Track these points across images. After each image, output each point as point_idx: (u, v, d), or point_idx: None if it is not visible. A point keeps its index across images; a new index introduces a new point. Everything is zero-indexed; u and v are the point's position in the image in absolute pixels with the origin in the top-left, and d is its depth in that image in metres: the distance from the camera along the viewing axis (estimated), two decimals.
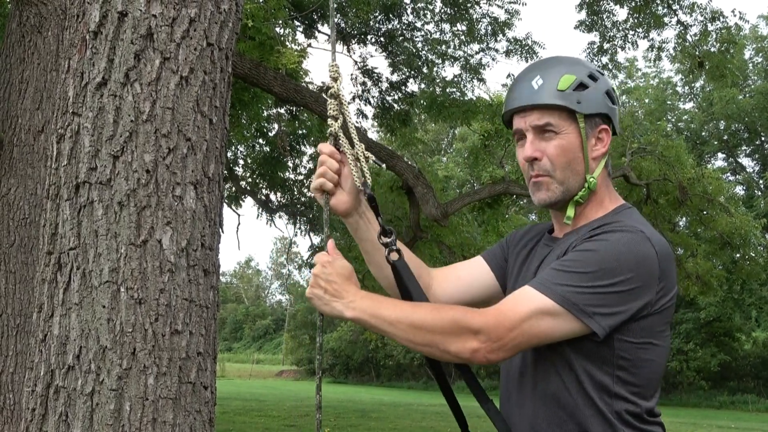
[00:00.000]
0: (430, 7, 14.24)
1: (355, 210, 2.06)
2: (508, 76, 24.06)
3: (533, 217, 26.58)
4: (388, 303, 1.82)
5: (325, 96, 2.13)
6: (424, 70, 14.25)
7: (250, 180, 17.12)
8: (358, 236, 2.12)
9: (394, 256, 2.05)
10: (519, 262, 2.08)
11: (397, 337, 1.78)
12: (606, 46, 14.41)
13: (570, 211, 1.93)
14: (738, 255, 18.95)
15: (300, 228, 17.61)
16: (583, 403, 1.78)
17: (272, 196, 17.19)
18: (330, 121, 2.08)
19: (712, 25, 13.02)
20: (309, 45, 12.76)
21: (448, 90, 14.04)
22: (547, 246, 2.00)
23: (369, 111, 15.40)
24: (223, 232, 2.20)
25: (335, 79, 2.09)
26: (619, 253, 1.73)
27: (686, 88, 41.28)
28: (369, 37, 14.15)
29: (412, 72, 14.21)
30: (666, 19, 13.38)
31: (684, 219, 20.45)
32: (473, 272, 2.18)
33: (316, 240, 17.67)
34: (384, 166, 10.57)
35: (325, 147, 2.05)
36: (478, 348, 1.70)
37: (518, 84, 1.94)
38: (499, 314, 1.72)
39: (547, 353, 1.82)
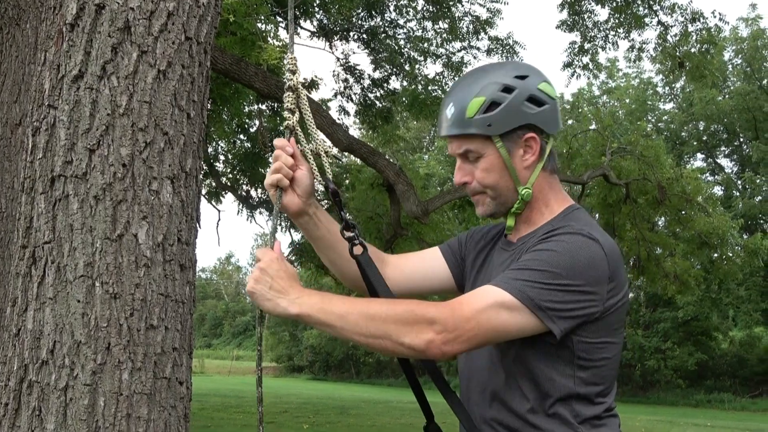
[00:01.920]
0: (413, 5, 14.24)
1: (305, 210, 2.03)
2: None
3: None
4: (337, 298, 1.78)
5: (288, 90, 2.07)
6: (406, 67, 14.25)
7: (230, 176, 17.07)
8: (309, 235, 2.09)
9: (358, 250, 2.04)
10: (477, 266, 2.08)
11: (346, 330, 1.72)
12: (587, 46, 14.47)
13: (510, 222, 1.97)
14: (716, 255, 19.08)
15: (281, 224, 17.55)
16: (542, 406, 1.79)
17: (253, 192, 17.14)
18: (287, 114, 2.04)
19: (692, 26, 13.12)
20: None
21: (429, 88, 14.05)
22: (504, 251, 2.00)
23: (351, 108, 15.36)
24: (200, 227, 2.19)
25: (293, 72, 2.06)
26: (572, 256, 1.74)
27: (666, 88, 41.57)
28: (351, 33, 14.13)
29: (394, 69, 14.21)
30: (647, 20, 13.46)
31: (663, 219, 20.59)
32: (428, 263, 2.16)
33: (297, 236, 17.64)
34: (344, 160, 10.54)
35: (279, 141, 2.00)
36: (433, 339, 1.66)
37: (440, 111, 1.97)
38: (456, 305, 1.70)
39: (506, 355, 1.82)
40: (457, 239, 2.19)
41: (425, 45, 14.57)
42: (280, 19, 12.60)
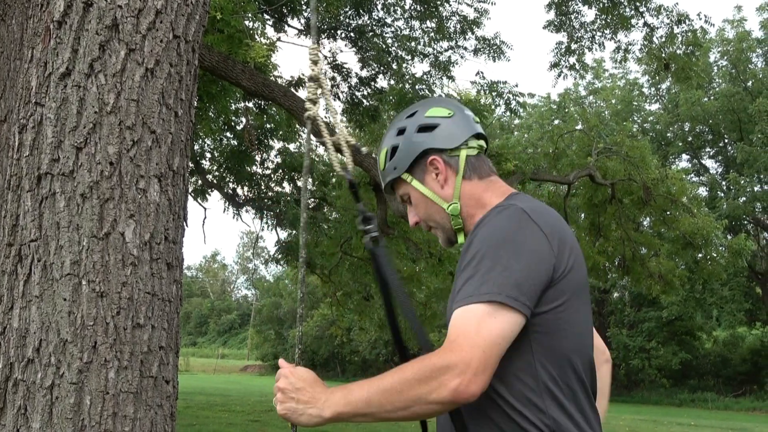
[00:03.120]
0: (400, 4, 14.24)
1: None
2: (477, 73, 24.19)
3: None
4: (354, 385, 1.77)
5: (307, 83, 2.07)
6: (394, 66, 14.25)
7: (216, 174, 17.00)
8: None
9: (371, 243, 2.08)
10: None
11: (379, 413, 1.71)
12: (574, 46, 14.51)
13: (460, 239, 2.03)
14: (700, 255, 19.16)
15: (267, 222, 17.51)
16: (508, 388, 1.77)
17: (239, 190, 17.08)
18: (308, 104, 2.06)
19: (678, 27, 13.17)
20: (278, 39, 12.68)
21: (417, 86, 14.05)
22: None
23: (338, 106, 15.36)
24: (187, 225, 2.18)
25: (315, 62, 2.07)
26: (497, 232, 1.76)
27: (652, 89, 41.70)
28: (339, 32, 14.11)
29: (382, 68, 14.20)
30: (633, 21, 13.50)
31: (648, 219, 20.67)
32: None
33: (283, 235, 17.61)
34: (365, 150, 10.53)
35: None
36: (458, 384, 1.62)
37: None
38: (453, 345, 1.67)
39: None
40: None
41: (413, 44, 14.56)
42: (267, 17, 12.58)
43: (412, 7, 14.21)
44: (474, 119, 2.07)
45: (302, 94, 12.33)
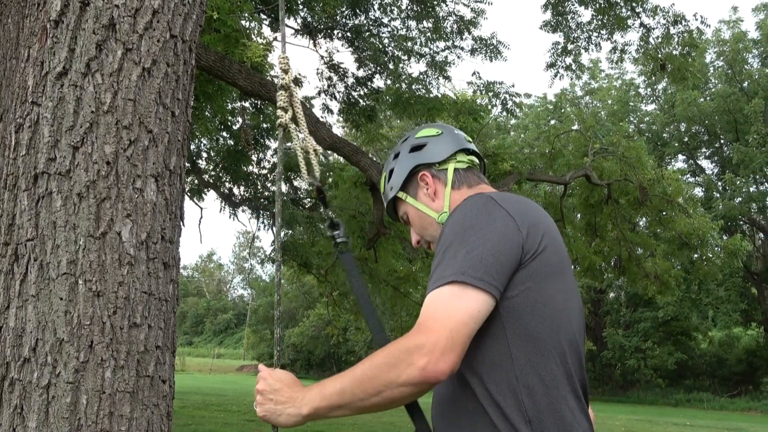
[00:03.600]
0: (397, 3, 14.23)
1: None
2: (474, 74, 24.27)
3: None
4: (328, 380, 1.79)
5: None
6: (390, 66, 14.24)
7: (213, 173, 16.99)
8: None
9: (342, 247, 2.14)
10: None
11: (353, 403, 1.72)
12: (570, 47, 14.52)
13: None
14: (696, 255, 19.19)
15: (263, 222, 17.52)
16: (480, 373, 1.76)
17: (235, 190, 17.07)
18: (279, 112, 2.10)
19: (674, 28, 13.18)
20: (275, 38, 12.68)
21: (413, 87, 14.05)
22: None
23: (334, 106, 15.35)
24: (183, 225, 2.18)
25: (285, 71, 2.11)
26: (463, 218, 1.78)
27: (648, 90, 41.78)
28: (335, 31, 14.10)
29: (378, 68, 14.19)
30: (629, 22, 13.52)
31: (644, 219, 20.70)
32: None
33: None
34: (330, 159, 10.55)
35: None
36: (426, 362, 1.62)
37: None
38: (420, 326, 1.68)
39: None
40: None
41: (409, 44, 14.56)
42: (263, 16, 12.58)
43: (409, 7, 14.21)
44: (465, 138, 2.14)
45: (299, 93, 12.35)
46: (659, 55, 13.56)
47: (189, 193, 15.96)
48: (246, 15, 10.14)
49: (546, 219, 1.88)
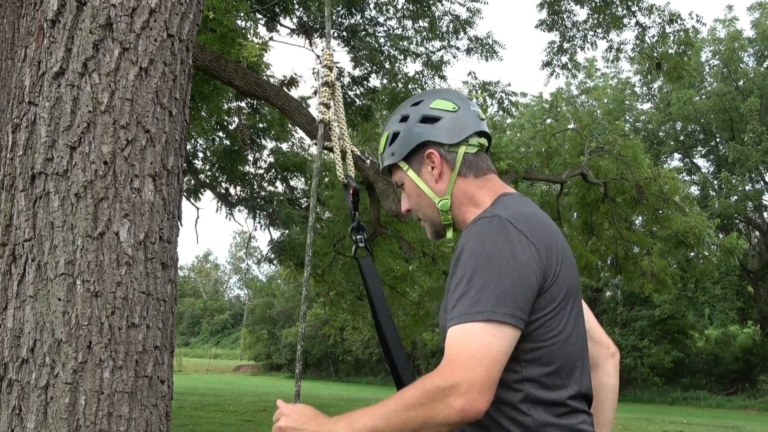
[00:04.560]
0: (393, 3, 14.24)
1: None
2: (469, 73, 24.24)
3: None
4: (357, 413, 1.76)
5: (320, 87, 2.11)
6: (386, 65, 14.24)
7: (209, 173, 16.98)
8: None
9: (360, 252, 2.14)
10: None
11: None
12: (566, 45, 14.54)
13: (449, 234, 2.03)
14: (692, 254, 19.23)
15: (259, 222, 17.50)
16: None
17: (232, 190, 17.07)
18: (322, 108, 2.09)
19: (670, 27, 13.20)
20: (271, 38, 12.69)
21: (409, 86, 14.05)
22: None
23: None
24: (181, 225, 2.18)
25: (330, 68, 2.10)
26: (483, 244, 1.73)
27: (644, 88, 41.81)
28: (331, 31, 14.09)
29: (374, 67, 14.19)
30: (625, 21, 13.53)
31: (640, 218, 20.74)
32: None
33: (276, 234, 17.59)
34: (369, 161, 10.55)
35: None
36: (464, 403, 1.60)
37: None
38: (454, 365, 1.65)
39: None
40: None
41: (405, 43, 14.57)
42: (259, 16, 12.57)
43: (405, 7, 14.21)
44: (479, 116, 2.04)
45: (295, 93, 12.33)
46: (655, 54, 13.58)
47: (185, 193, 15.93)
48: (242, 15, 10.13)
49: (556, 234, 1.86)
